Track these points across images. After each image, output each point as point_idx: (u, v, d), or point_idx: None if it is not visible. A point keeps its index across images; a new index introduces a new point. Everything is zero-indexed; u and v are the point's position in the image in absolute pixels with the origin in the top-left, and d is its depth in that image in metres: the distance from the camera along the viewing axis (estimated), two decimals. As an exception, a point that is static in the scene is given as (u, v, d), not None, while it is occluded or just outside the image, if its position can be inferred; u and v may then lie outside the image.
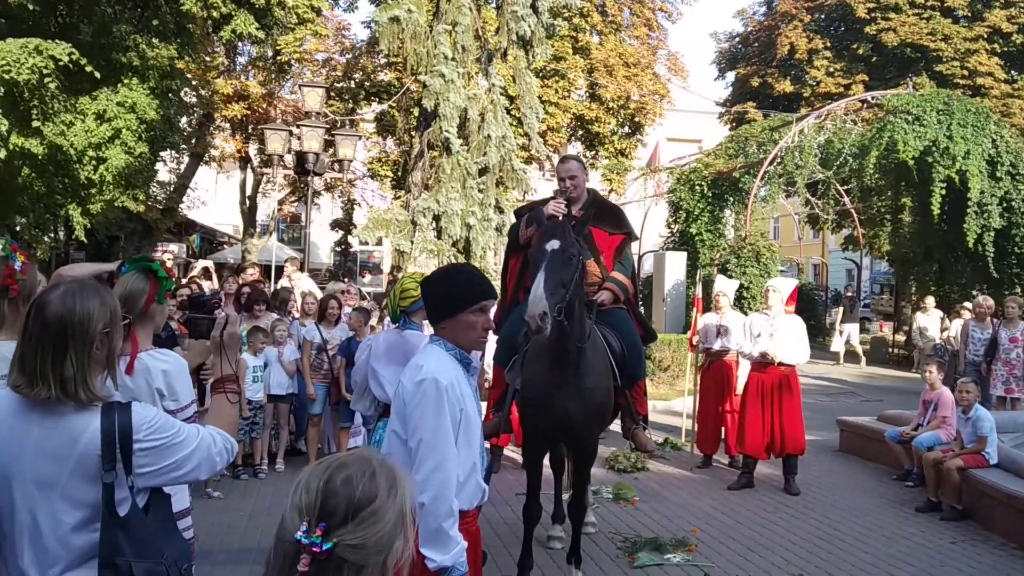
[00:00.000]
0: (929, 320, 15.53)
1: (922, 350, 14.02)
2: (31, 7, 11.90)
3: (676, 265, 17.27)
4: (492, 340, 5.66)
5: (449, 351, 3.07)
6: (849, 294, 23.20)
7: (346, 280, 16.68)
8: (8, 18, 13.45)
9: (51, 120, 12.15)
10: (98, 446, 2.19)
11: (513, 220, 6.67)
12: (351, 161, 15.69)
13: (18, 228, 14.64)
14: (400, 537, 1.41)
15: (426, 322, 4.83)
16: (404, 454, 2.97)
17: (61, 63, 11.08)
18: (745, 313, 10.66)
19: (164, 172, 21.69)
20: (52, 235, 16.69)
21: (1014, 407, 10.58)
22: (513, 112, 18.24)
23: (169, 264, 10.84)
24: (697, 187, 18.96)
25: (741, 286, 14.43)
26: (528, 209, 6.02)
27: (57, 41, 11.32)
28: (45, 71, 10.92)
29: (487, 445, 5.59)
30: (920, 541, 6.73)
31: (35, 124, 11.64)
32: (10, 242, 3.67)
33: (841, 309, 20.28)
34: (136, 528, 2.25)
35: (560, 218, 5.07)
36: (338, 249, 29.37)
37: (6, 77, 10.62)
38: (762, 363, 8.20)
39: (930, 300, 15.88)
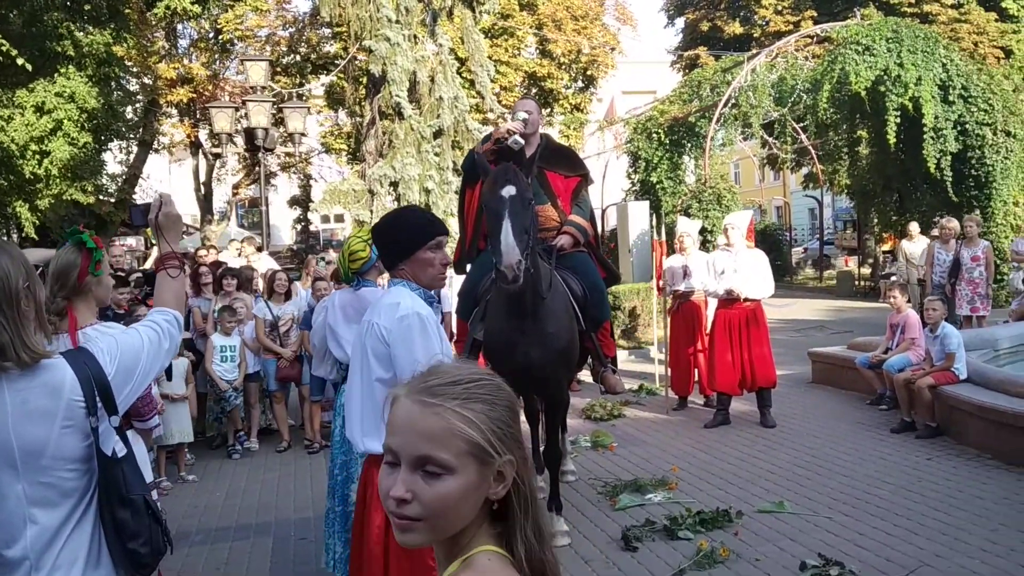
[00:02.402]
0: (916, 247, 14.38)
1: (906, 281, 13.42)
2: (-46, -1, 11.53)
3: (639, 215, 17.17)
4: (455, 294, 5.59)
5: (414, 290, 3.09)
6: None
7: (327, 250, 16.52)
8: (-68, 13, 13.02)
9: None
10: (80, 394, 2.13)
11: None
12: (303, 134, 15.41)
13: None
14: None
15: (380, 278, 4.74)
16: None
17: (-10, 54, 10.76)
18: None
19: (113, 163, 21.20)
20: (4, 235, 16.31)
21: (980, 325, 10.68)
22: (464, 73, 18.01)
23: (124, 255, 10.63)
24: (654, 135, 18.86)
25: (704, 228, 14.39)
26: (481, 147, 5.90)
27: (-15, 33, 10.99)
28: (-26, 64, 10.60)
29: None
30: (897, 460, 6.77)
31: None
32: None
33: None
34: (132, 463, 2.28)
35: (515, 143, 5.05)
36: (298, 228, 29.00)
37: (-66, 75, 10.30)
38: (728, 300, 8.18)
39: (914, 226, 14.88)
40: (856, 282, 22.20)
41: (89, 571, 2.20)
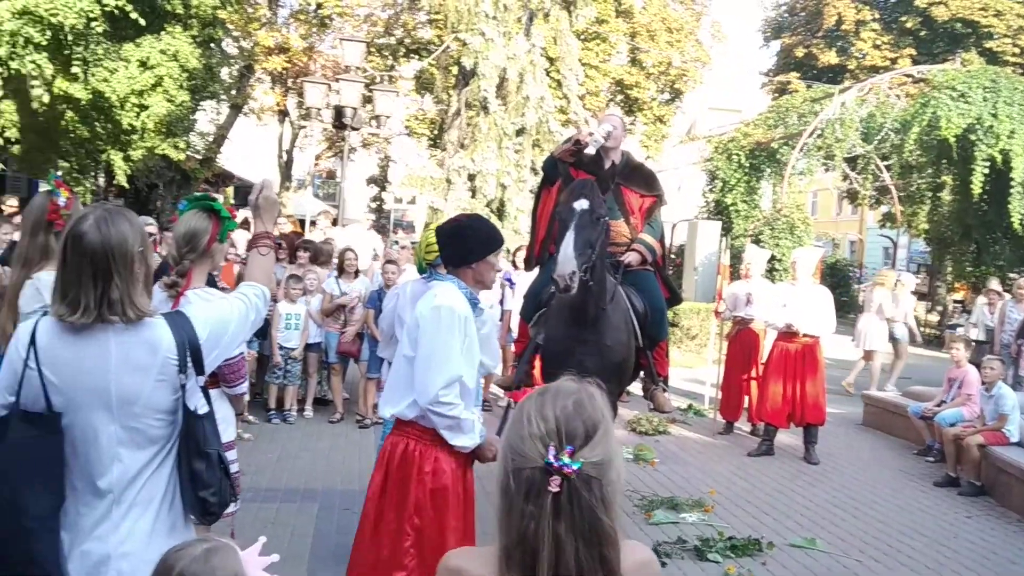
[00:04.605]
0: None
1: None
2: (76, -48, 12.00)
3: (709, 235, 17.18)
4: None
5: (461, 289, 3.39)
6: None
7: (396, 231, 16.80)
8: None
9: (92, 67, 12.31)
10: (175, 353, 2.35)
11: None
12: (389, 117, 15.73)
13: (60, 172, 14.89)
14: (619, 451, 1.56)
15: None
16: (411, 375, 3.27)
17: (107, 8, 11.21)
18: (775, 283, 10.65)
19: (204, 122, 21.85)
20: (93, 180, 16.93)
21: (1044, 389, 10.50)
22: (552, 74, 18.16)
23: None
24: (734, 157, 18.77)
25: (773, 257, 14.34)
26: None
27: (104, -14, 11.44)
28: (92, 16, 11.06)
29: (511, 400, 5.72)
30: (935, 513, 6.78)
31: (74, 70, 11.81)
32: (54, 178, 3.82)
33: None
34: (211, 422, 2.51)
35: (593, 144, 5.33)
36: (373, 206, 29.50)
37: (53, 21, 10.77)
38: (787, 333, 8.22)
39: (995, 282, 14.72)
40: (922, 328, 21.82)
41: (163, 512, 2.43)
